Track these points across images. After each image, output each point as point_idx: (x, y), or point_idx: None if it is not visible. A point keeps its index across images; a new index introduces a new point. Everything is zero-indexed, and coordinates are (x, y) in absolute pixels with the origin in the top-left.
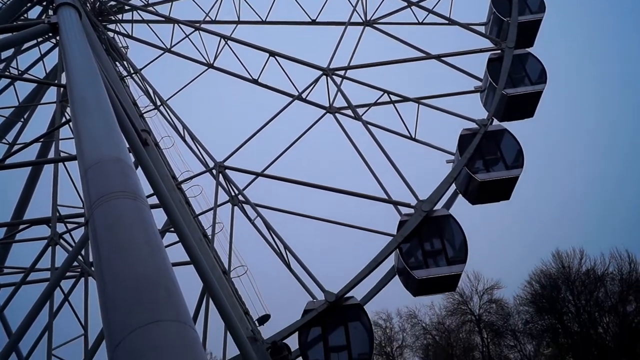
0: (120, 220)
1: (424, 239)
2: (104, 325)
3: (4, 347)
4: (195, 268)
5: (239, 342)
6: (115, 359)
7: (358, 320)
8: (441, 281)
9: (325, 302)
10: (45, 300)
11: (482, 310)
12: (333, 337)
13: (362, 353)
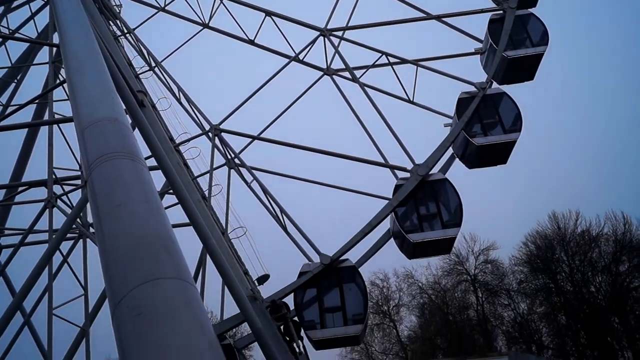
0: (118, 180)
1: (420, 202)
2: (106, 283)
3: (9, 307)
4: (195, 229)
5: (238, 301)
6: (117, 315)
7: (353, 282)
8: (436, 244)
9: (320, 265)
10: (45, 262)
11: (477, 270)
12: (328, 298)
13: (356, 314)
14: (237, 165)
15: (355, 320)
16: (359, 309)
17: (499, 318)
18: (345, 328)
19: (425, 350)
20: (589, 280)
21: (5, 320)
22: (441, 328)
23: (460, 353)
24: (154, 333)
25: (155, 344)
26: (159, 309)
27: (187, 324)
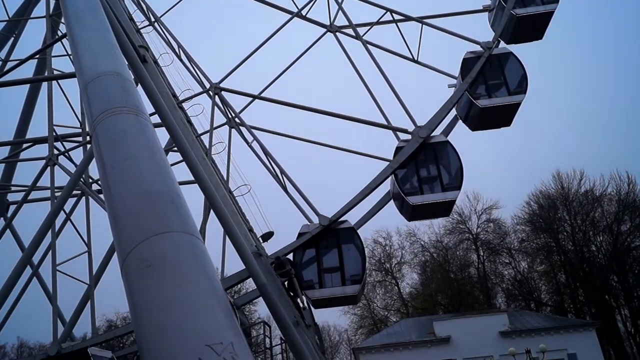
0: (123, 135)
1: (420, 165)
2: (114, 237)
3: (18, 262)
4: (200, 186)
5: (243, 257)
6: (125, 267)
7: (351, 243)
8: (436, 207)
9: (319, 226)
10: (51, 220)
11: (479, 229)
12: (326, 259)
13: (354, 274)
14: (237, 125)
15: (353, 280)
16: (357, 269)
17: (499, 276)
18: (343, 288)
19: (426, 307)
20: (590, 240)
21: (15, 275)
22: (442, 285)
23: (460, 309)
24: (163, 284)
25: (164, 295)
26: (168, 261)
27: (195, 275)
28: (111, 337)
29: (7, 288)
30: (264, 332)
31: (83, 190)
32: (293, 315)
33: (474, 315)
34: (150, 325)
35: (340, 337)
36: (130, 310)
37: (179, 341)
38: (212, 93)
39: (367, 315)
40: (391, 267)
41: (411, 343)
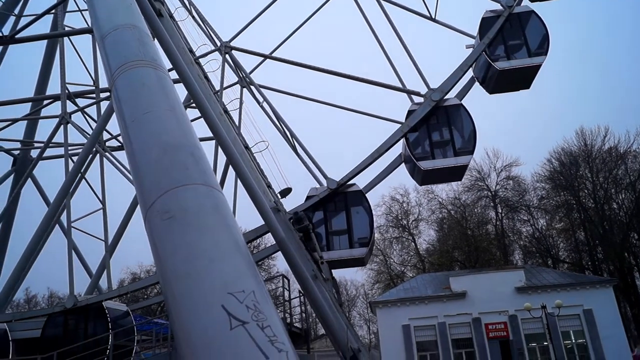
0: (142, 88)
1: (432, 129)
2: (136, 189)
3: (44, 218)
4: (218, 142)
5: (263, 213)
6: (149, 219)
7: (359, 206)
8: (447, 172)
9: (327, 189)
10: (73, 177)
11: (498, 186)
12: (335, 222)
13: (361, 237)
14: (249, 84)
15: (361, 243)
16: (364, 232)
17: (517, 233)
18: (350, 250)
19: (442, 262)
20: (612, 198)
21: (43, 228)
22: (459, 242)
23: (477, 266)
24: (185, 235)
25: (187, 244)
26: (189, 213)
27: (217, 226)
28: (124, 292)
29: (35, 241)
30: (282, 285)
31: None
32: (311, 269)
33: (491, 271)
34: (174, 274)
35: (357, 291)
36: (155, 260)
37: (203, 289)
38: (222, 52)
39: (384, 271)
40: (408, 223)
41: (427, 298)
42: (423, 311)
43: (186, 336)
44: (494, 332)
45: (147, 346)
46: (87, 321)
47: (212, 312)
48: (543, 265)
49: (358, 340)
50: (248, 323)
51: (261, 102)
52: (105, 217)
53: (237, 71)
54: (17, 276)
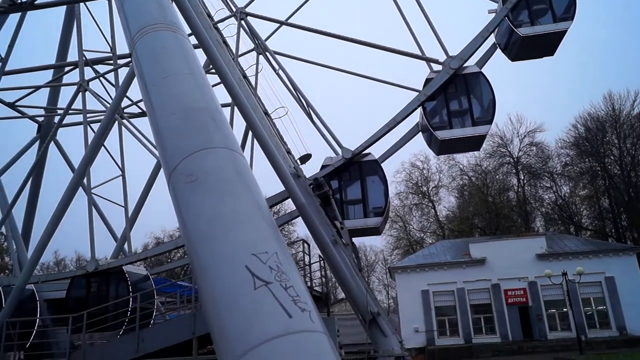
0: (162, 52)
1: (450, 97)
2: (159, 153)
3: (68, 185)
4: (238, 108)
5: (283, 179)
6: (172, 182)
7: (374, 176)
8: (465, 142)
9: (342, 158)
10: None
11: (521, 152)
12: (349, 191)
13: (376, 207)
14: (264, 51)
15: (375, 212)
16: (379, 202)
17: (539, 200)
18: (365, 220)
19: (462, 229)
20: (639, 164)
21: (68, 194)
22: (479, 208)
23: (497, 233)
24: (209, 197)
25: (210, 207)
26: (212, 175)
27: (239, 189)
28: (143, 257)
29: (61, 206)
30: (302, 250)
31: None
32: (331, 234)
33: (511, 238)
34: (198, 236)
35: (376, 257)
36: (179, 222)
37: (226, 250)
38: (238, 17)
39: (403, 237)
40: (428, 190)
41: (446, 264)
42: (442, 277)
43: (211, 296)
44: (513, 298)
45: (171, 307)
46: (109, 284)
47: (236, 272)
48: (565, 232)
49: (377, 304)
50: (271, 283)
51: (277, 69)
52: (124, 184)
53: (253, 38)
54: (46, 239)
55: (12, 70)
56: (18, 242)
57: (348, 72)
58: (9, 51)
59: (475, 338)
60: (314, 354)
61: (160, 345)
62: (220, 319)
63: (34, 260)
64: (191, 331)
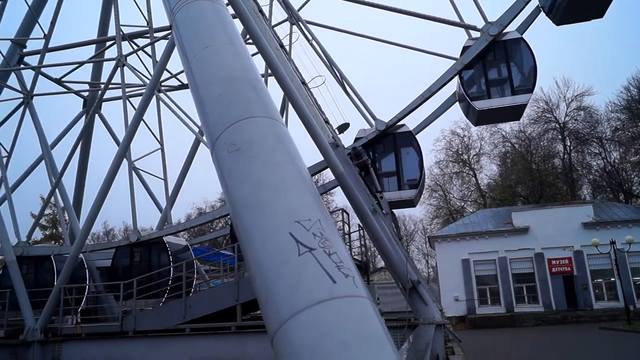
0: (201, 22)
1: (489, 65)
2: (202, 123)
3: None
4: (275, 77)
5: (321, 148)
6: (216, 151)
7: (410, 147)
8: (504, 112)
9: (376, 130)
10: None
11: (568, 117)
12: (383, 163)
13: (411, 179)
14: (298, 21)
15: (410, 185)
16: (414, 174)
17: (586, 167)
18: (399, 192)
19: (504, 198)
20: None
21: (114, 168)
22: (522, 176)
23: (541, 201)
24: (252, 166)
25: (254, 175)
26: (255, 145)
27: (281, 158)
28: (182, 229)
29: (108, 180)
30: (342, 219)
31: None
32: (370, 203)
33: (556, 206)
34: (243, 204)
35: (416, 226)
36: (223, 190)
37: (270, 218)
38: None
39: (443, 206)
40: (469, 158)
41: (487, 232)
42: (483, 246)
43: (257, 262)
44: (557, 267)
45: (215, 276)
46: (150, 254)
47: (280, 239)
48: (614, 200)
49: (417, 273)
50: (315, 249)
51: (310, 40)
52: (163, 157)
53: (286, 8)
54: (95, 211)
55: (55, 47)
56: (70, 213)
57: (382, 40)
58: (51, 28)
59: (518, 307)
60: (359, 318)
61: (206, 311)
62: (267, 284)
63: (86, 230)
64: (235, 298)
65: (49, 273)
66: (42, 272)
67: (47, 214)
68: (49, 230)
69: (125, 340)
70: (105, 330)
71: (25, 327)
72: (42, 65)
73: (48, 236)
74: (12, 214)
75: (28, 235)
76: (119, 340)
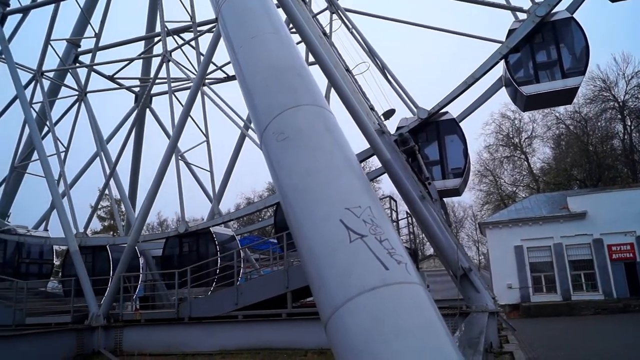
0: (246, 13)
1: (537, 48)
2: (250, 113)
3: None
4: (319, 65)
5: (367, 135)
6: (264, 140)
7: (454, 134)
8: (554, 96)
9: (417, 119)
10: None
11: (628, 96)
12: (427, 152)
13: (455, 167)
14: (337, 10)
15: (454, 173)
16: (458, 162)
17: None
18: (443, 182)
19: (559, 182)
20: None
21: (165, 160)
22: (578, 159)
23: (599, 184)
24: (301, 154)
25: (303, 163)
26: (303, 133)
27: (330, 145)
28: (227, 220)
29: (160, 172)
30: (390, 207)
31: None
32: (418, 190)
33: (616, 190)
34: (293, 192)
35: (465, 212)
36: (273, 179)
37: (321, 205)
38: None
39: (494, 192)
40: (520, 141)
41: (541, 218)
42: (537, 232)
43: (308, 249)
44: (618, 253)
45: (264, 264)
46: (198, 244)
47: (331, 226)
48: None
49: (468, 260)
50: (366, 236)
51: (350, 28)
52: (209, 149)
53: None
54: (149, 202)
55: (105, 45)
56: (126, 204)
57: (423, 25)
58: (101, 27)
59: (575, 295)
60: (413, 305)
61: (257, 299)
62: (319, 271)
63: (141, 221)
64: (284, 285)
65: (105, 262)
66: (99, 261)
67: (106, 206)
68: (107, 222)
69: (182, 326)
70: (163, 317)
71: (90, 313)
72: (95, 63)
73: (107, 227)
74: (70, 206)
75: (85, 226)
76: (176, 326)
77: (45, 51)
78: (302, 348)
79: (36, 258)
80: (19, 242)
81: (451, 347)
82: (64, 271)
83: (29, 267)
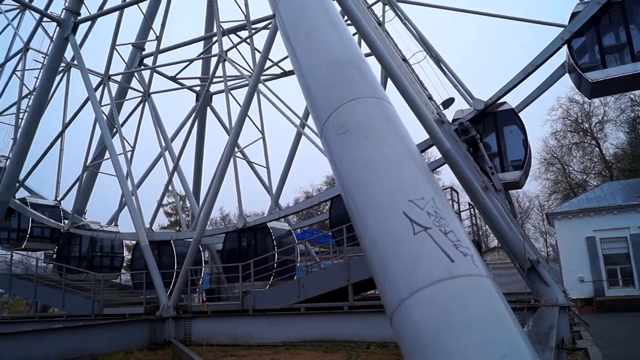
0: (303, 8)
1: (604, 31)
2: (310, 108)
3: (225, 150)
4: (375, 56)
5: (426, 125)
6: (325, 134)
7: (513, 125)
8: (623, 81)
9: (474, 110)
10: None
11: None
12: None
13: (515, 159)
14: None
15: (514, 166)
16: (518, 154)
17: None
18: (502, 174)
19: (635, 168)
20: None
21: (226, 157)
22: None
23: None
24: (362, 146)
25: (364, 156)
26: (363, 125)
27: (390, 137)
28: (284, 215)
29: (222, 169)
30: (451, 198)
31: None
32: (481, 180)
33: None
34: (354, 184)
35: (531, 203)
36: (334, 172)
37: (383, 197)
38: None
39: (562, 180)
40: (591, 126)
41: (616, 207)
42: (611, 222)
43: (371, 242)
44: None
45: (325, 257)
46: (256, 239)
47: (394, 218)
48: None
49: (536, 252)
50: (430, 228)
51: (403, 19)
52: (265, 146)
53: None
54: (212, 198)
55: (166, 48)
56: (190, 200)
57: (479, 13)
58: (162, 30)
59: None
60: (481, 297)
61: (319, 292)
62: (383, 264)
63: (205, 216)
64: (346, 278)
65: (170, 256)
66: (164, 255)
67: (172, 202)
68: (174, 217)
69: (247, 318)
70: (229, 309)
71: (160, 305)
72: (158, 65)
73: (173, 223)
74: (137, 203)
75: (150, 222)
76: (241, 317)
77: (112, 56)
78: (365, 341)
79: (108, 252)
80: (93, 237)
81: (522, 340)
82: (132, 264)
83: (102, 260)
